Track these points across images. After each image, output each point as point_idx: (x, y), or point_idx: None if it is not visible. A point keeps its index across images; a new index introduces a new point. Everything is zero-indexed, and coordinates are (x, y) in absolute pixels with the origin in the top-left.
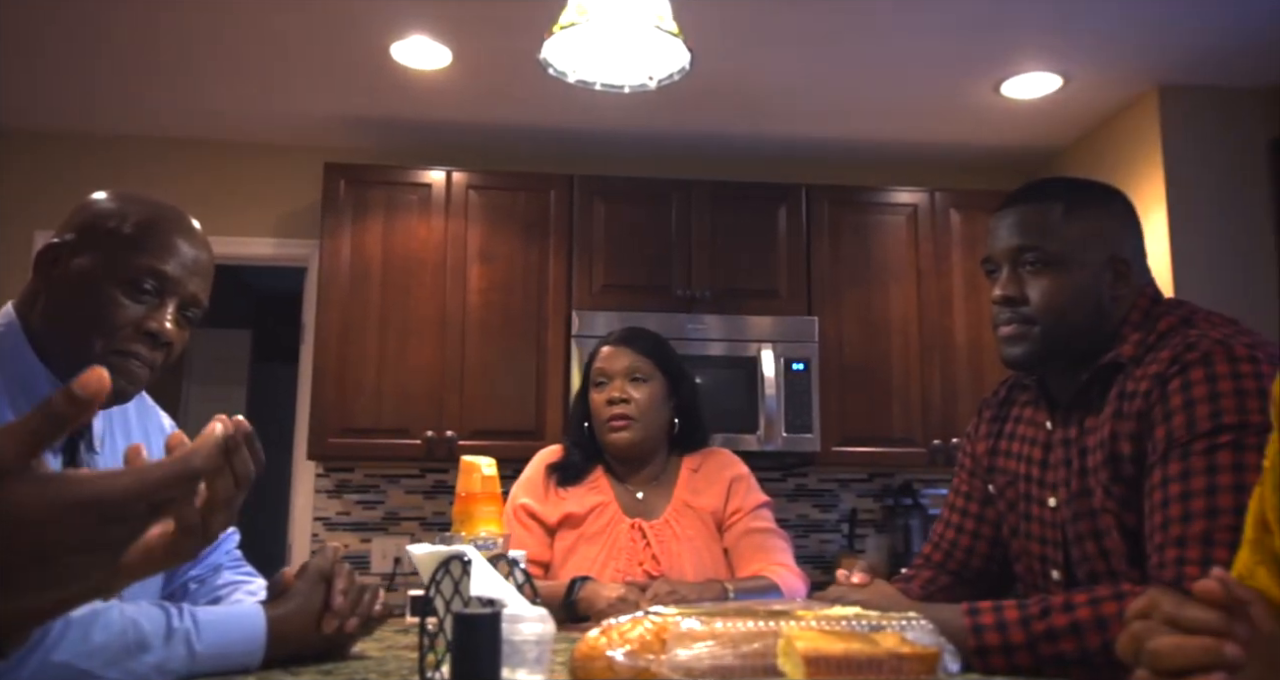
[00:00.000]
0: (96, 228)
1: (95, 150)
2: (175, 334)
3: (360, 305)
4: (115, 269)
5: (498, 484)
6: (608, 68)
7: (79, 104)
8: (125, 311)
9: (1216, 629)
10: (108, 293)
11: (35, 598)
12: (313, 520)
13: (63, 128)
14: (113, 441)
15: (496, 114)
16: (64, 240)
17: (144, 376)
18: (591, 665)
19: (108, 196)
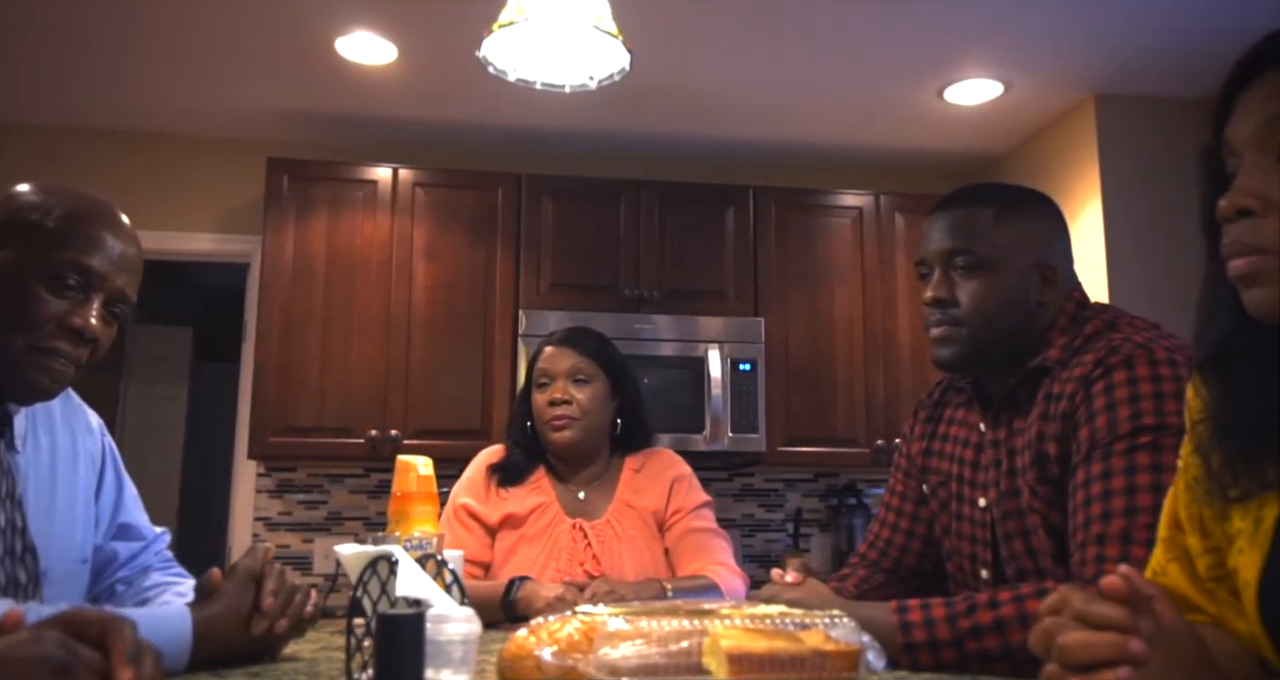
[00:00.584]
0: (19, 221)
1: (32, 142)
2: (100, 330)
3: (303, 302)
4: (38, 263)
5: (434, 484)
6: (548, 67)
7: (15, 95)
8: (48, 307)
9: (1122, 625)
10: (30, 288)
11: None
12: (254, 520)
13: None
14: (35, 440)
15: (444, 111)
16: None
17: (68, 374)
18: (520, 665)
19: (31, 189)
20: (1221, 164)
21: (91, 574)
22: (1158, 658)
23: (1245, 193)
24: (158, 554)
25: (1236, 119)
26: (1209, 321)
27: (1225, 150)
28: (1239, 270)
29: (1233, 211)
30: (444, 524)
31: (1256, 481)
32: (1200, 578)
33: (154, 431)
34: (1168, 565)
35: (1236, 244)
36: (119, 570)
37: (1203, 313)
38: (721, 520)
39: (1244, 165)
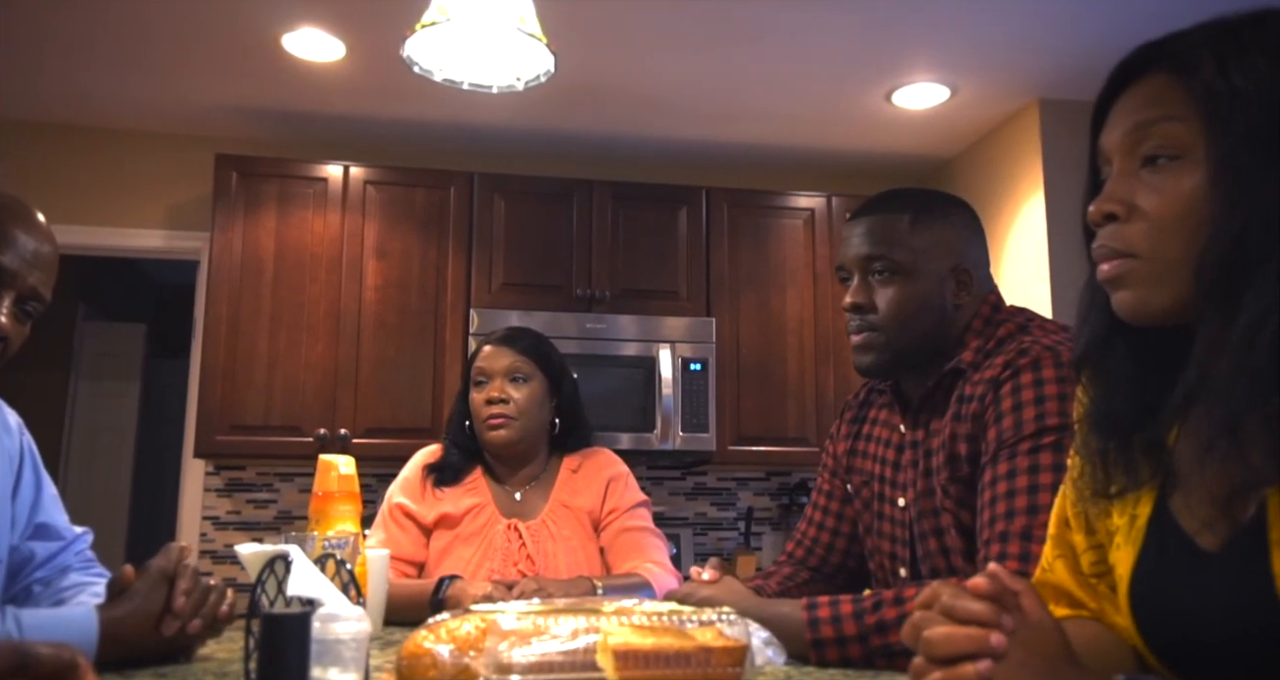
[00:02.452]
0: None
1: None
2: (12, 329)
3: (251, 300)
4: None
5: (355, 483)
6: (476, 68)
7: None
8: None
9: (984, 620)
10: None
11: None
12: (201, 519)
13: None
14: None
15: (394, 109)
16: None
17: None
18: (417, 662)
19: None
20: (1097, 171)
21: (8, 575)
22: (1019, 651)
23: (1111, 199)
24: (78, 554)
25: (1108, 127)
26: (1084, 322)
27: (1100, 158)
28: (1106, 274)
29: (1100, 217)
30: (380, 523)
31: (1131, 479)
32: (1084, 573)
33: (104, 430)
34: (1055, 561)
35: (1103, 248)
36: (36, 571)
37: (1080, 314)
38: (674, 519)
39: (1113, 172)
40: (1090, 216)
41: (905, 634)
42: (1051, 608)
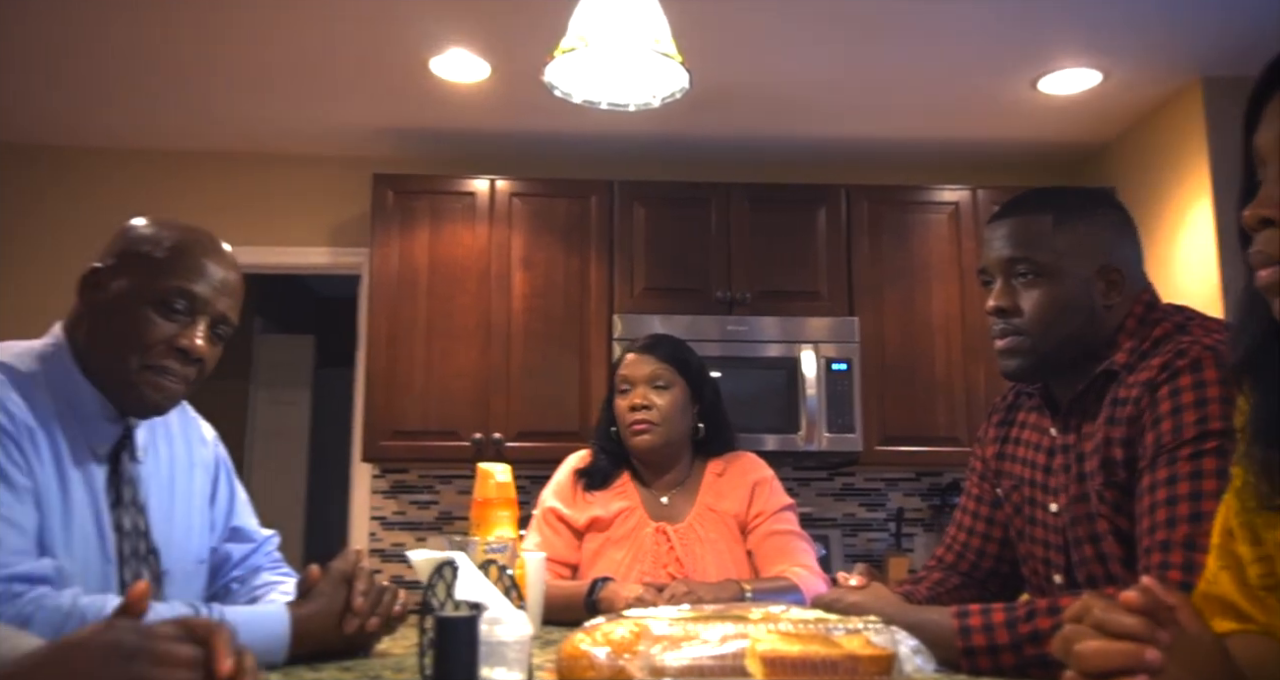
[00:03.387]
0: (132, 252)
1: (156, 165)
2: (206, 350)
3: (408, 311)
4: (149, 290)
5: (512, 490)
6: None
7: (140, 120)
8: (158, 329)
9: (1139, 634)
10: (142, 312)
11: None
12: (370, 520)
13: (127, 144)
14: (155, 451)
15: (536, 123)
16: (104, 265)
17: (178, 391)
18: (575, 664)
19: (144, 223)
20: (1253, 172)
21: (208, 574)
22: (1176, 667)
23: (1267, 203)
24: (267, 555)
25: (1263, 126)
26: (1242, 329)
27: (1255, 158)
28: (1264, 280)
29: (1256, 221)
30: (534, 526)
31: None
32: (1251, 586)
33: (279, 435)
34: (1219, 573)
35: (1260, 254)
36: (232, 570)
37: (1237, 320)
38: (822, 520)
39: (1269, 174)
40: (1245, 221)
41: (1055, 647)
42: (1216, 622)
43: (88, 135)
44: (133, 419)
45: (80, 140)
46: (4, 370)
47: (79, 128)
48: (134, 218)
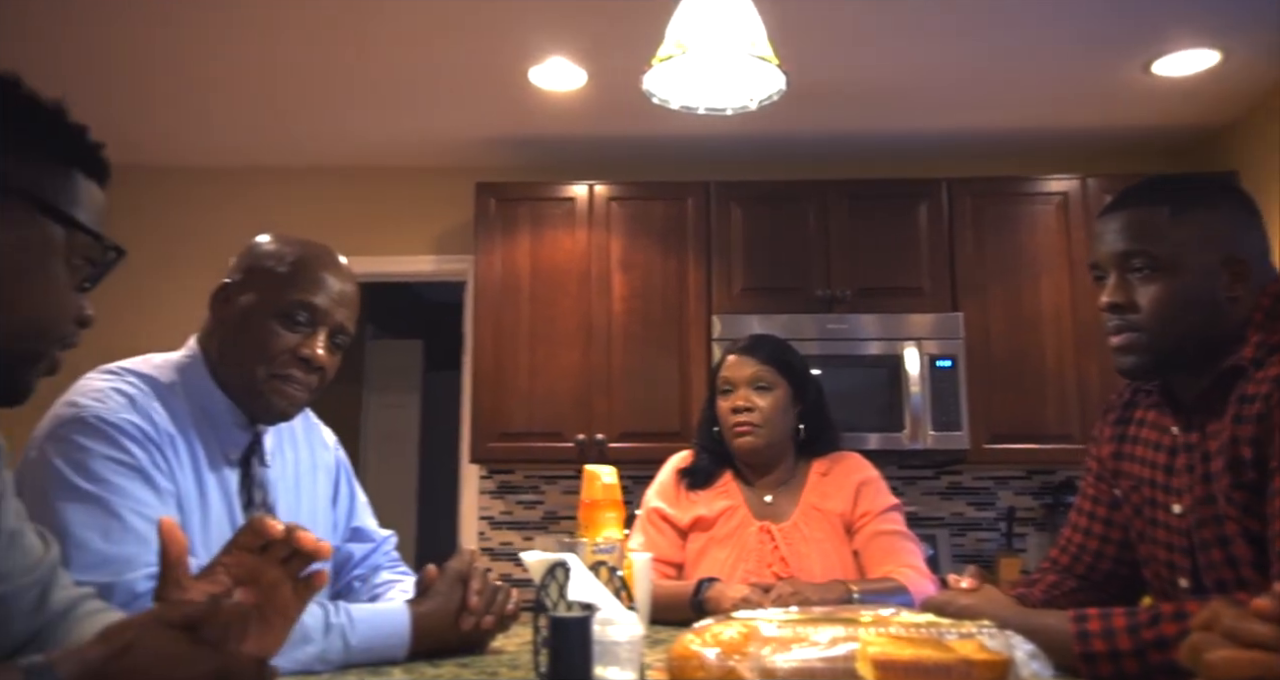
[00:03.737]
0: (257, 268)
1: (273, 181)
2: (326, 359)
3: (512, 315)
4: (273, 303)
5: (618, 491)
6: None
7: (257, 140)
8: (282, 340)
9: (1273, 644)
10: (267, 324)
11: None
12: (478, 519)
13: (243, 163)
14: (281, 455)
15: (632, 127)
16: (233, 280)
17: (302, 398)
18: (685, 664)
19: (268, 240)
20: None
21: (332, 573)
22: None
23: None
24: (386, 554)
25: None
26: None
27: None
28: None
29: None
30: (639, 527)
31: None
32: None
33: (391, 437)
34: None
35: None
36: (354, 569)
37: None
38: (929, 519)
39: None
40: None
41: (1183, 655)
42: None
43: (209, 156)
44: (261, 425)
45: (202, 161)
46: (147, 381)
47: (201, 149)
48: (259, 235)
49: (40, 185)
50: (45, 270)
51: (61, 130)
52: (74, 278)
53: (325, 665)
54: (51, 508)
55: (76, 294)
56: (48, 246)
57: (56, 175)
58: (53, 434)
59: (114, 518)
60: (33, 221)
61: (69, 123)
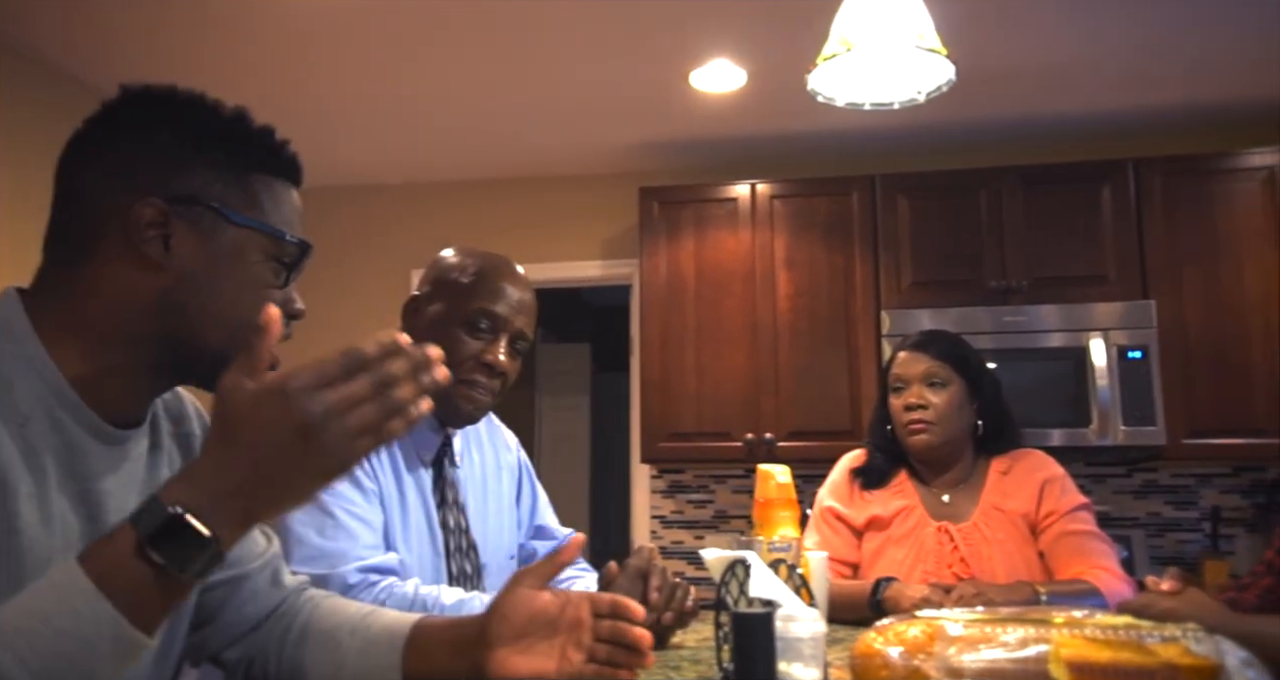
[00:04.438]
0: (442, 280)
1: (446, 195)
2: (508, 364)
3: (678, 317)
4: (457, 312)
5: (792, 491)
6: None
7: (430, 157)
8: (467, 347)
9: None
10: (453, 332)
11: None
12: (650, 518)
13: (420, 179)
14: (469, 456)
15: (793, 124)
16: (421, 293)
17: (486, 402)
18: (869, 662)
19: (451, 253)
20: None
21: (517, 568)
22: None
23: None
24: None
25: None
26: None
27: None
28: None
29: None
30: (813, 526)
31: None
32: None
33: (563, 438)
34: None
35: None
36: None
37: None
38: (1121, 520)
39: None
40: None
41: None
42: None
43: (388, 173)
44: (450, 428)
45: (383, 178)
46: None
47: (380, 168)
48: (444, 250)
49: (224, 193)
50: (237, 272)
51: (244, 137)
52: (269, 275)
53: None
54: None
55: (277, 290)
56: (237, 249)
57: (240, 181)
58: None
59: (328, 516)
60: (220, 227)
61: (252, 128)
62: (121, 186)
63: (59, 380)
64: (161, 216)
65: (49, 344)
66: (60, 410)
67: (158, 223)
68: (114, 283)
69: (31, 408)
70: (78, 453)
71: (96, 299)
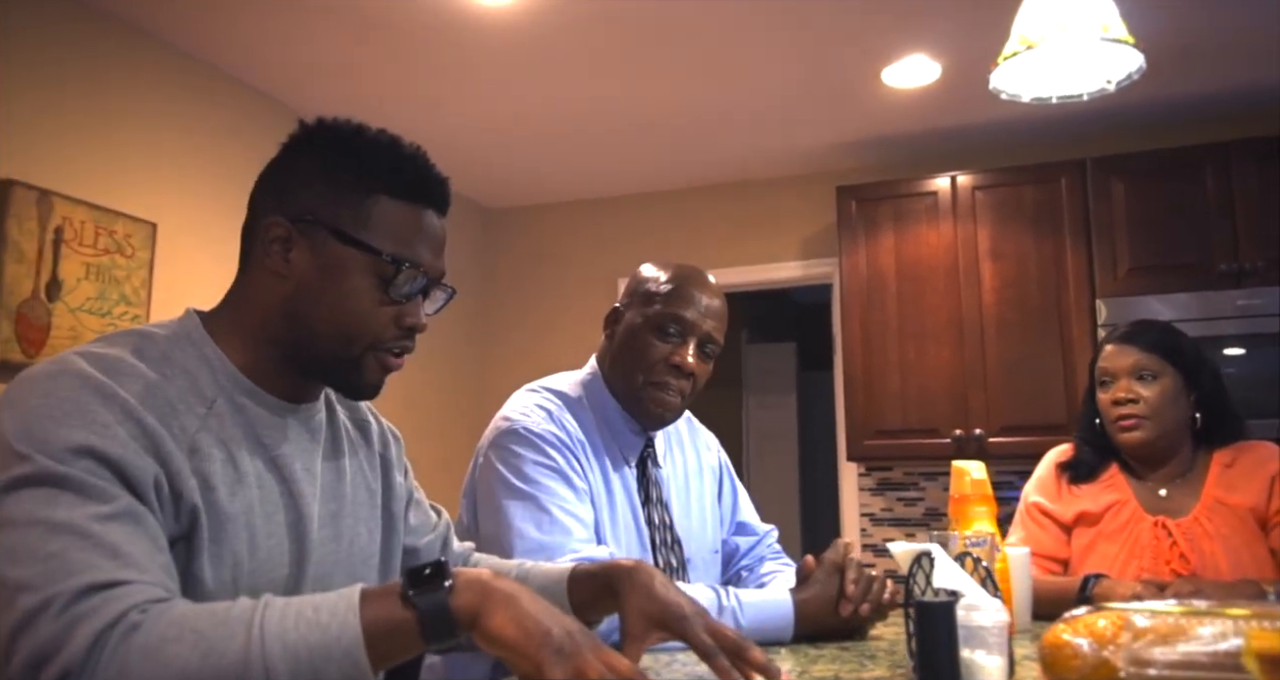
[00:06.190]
0: (639, 291)
1: (648, 206)
2: (696, 366)
3: (879, 314)
4: (649, 319)
5: (988, 486)
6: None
7: (633, 170)
8: (657, 350)
9: None
10: (645, 338)
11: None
12: (859, 516)
13: (624, 191)
14: (671, 456)
15: (992, 113)
16: (621, 304)
17: (675, 403)
18: (1059, 653)
19: (648, 266)
20: None
21: (722, 563)
22: None
23: None
24: (769, 547)
25: None
26: None
27: None
28: None
29: None
30: (1018, 521)
31: None
32: None
33: (771, 437)
34: None
35: None
36: (741, 560)
37: None
38: None
39: None
40: None
41: None
42: None
43: (593, 188)
44: (651, 430)
45: (588, 193)
46: (559, 396)
47: (585, 183)
48: (643, 264)
49: (338, 213)
50: (341, 285)
51: (372, 162)
52: (375, 291)
53: None
54: (498, 503)
55: (391, 307)
56: (340, 265)
57: (356, 203)
58: (494, 443)
59: (544, 512)
60: (329, 244)
61: (383, 154)
62: (270, 205)
63: (232, 370)
64: (286, 232)
65: (221, 343)
66: (238, 394)
67: (282, 238)
68: (257, 289)
69: (215, 393)
70: (259, 426)
71: (248, 303)
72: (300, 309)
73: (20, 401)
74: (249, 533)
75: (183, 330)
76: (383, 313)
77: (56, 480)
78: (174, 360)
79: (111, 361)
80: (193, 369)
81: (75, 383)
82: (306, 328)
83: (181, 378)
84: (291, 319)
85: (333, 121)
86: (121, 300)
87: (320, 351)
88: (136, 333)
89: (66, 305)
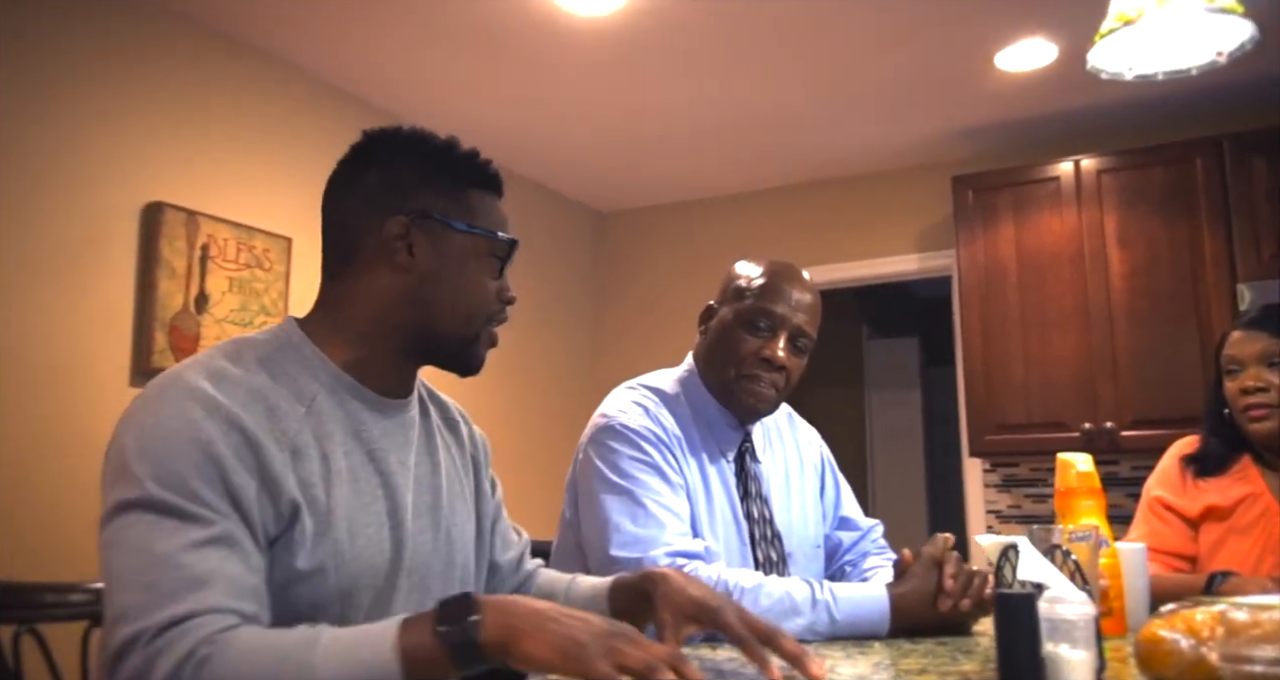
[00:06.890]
0: (732, 288)
1: (760, 203)
2: (787, 360)
3: (999, 305)
4: (741, 315)
5: (1094, 478)
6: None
7: (741, 169)
8: (747, 344)
9: None
10: (736, 333)
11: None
12: (985, 513)
13: (733, 191)
14: (770, 451)
15: (1115, 93)
16: (716, 302)
17: (768, 395)
18: (1155, 649)
19: (743, 263)
20: None
21: (825, 557)
22: None
23: None
24: (874, 542)
25: None
26: None
27: None
28: None
29: None
30: (1140, 517)
31: None
32: None
33: (895, 434)
34: None
35: None
36: (844, 555)
37: None
38: None
39: None
40: None
41: None
42: None
43: (706, 189)
44: (748, 425)
45: (700, 194)
46: (656, 393)
47: (696, 184)
48: (738, 261)
49: (447, 207)
50: (462, 269)
51: (458, 161)
52: (489, 269)
53: (814, 636)
54: (595, 498)
55: (495, 281)
56: (461, 251)
57: (458, 196)
58: (592, 439)
59: (640, 506)
60: (448, 235)
61: (462, 153)
62: (373, 210)
63: (333, 368)
64: (404, 230)
65: (322, 345)
66: (339, 391)
67: (402, 235)
68: (370, 286)
69: (315, 391)
70: (357, 420)
71: (356, 302)
72: (425, 296)
73: (137, 419)
74: (348, 523)
75: (282, 335)
76: (491, 289)
77: (161, 507)
78: (274, 363)
79: (216, 370)
80: (292, 371)
81: (182, 397)
82: (430, 314)
83: (282, 380)
84: (416, 306)
85: (409, 131)
86: (261, 311)
87: (443, 333)
88: (239, 341)
89: (213, 316)
